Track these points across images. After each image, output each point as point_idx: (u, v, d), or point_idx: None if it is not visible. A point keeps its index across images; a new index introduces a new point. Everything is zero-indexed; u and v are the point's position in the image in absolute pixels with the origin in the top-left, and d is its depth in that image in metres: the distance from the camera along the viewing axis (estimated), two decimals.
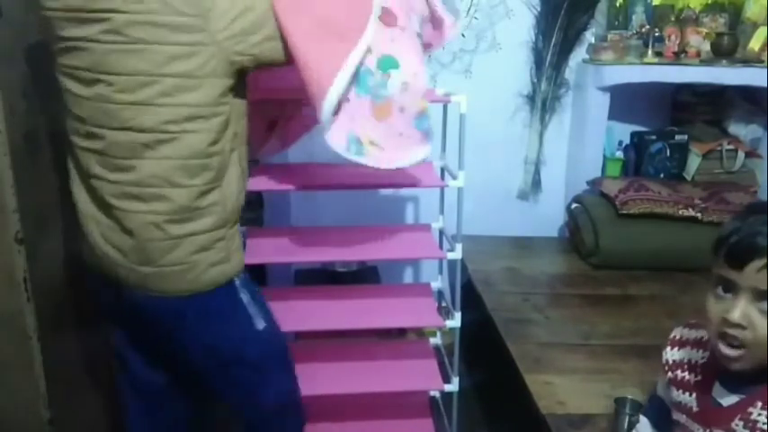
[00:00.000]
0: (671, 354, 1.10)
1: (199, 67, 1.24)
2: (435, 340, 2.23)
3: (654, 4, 2.56)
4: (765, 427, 0.92)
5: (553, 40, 2.55)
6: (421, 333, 2.37)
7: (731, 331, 0.91)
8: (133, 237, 1.31)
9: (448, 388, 1.92)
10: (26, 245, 1.40)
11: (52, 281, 1.53)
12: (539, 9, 2.55)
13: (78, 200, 1.37)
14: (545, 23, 2.55)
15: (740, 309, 0.90)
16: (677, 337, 1.11)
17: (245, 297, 1.43)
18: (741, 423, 0.94)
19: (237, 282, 1.41)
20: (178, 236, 1.31)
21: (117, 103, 1.24)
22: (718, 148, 2.60)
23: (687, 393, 1.04)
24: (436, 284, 2.18)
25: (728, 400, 0.98)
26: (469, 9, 2.54)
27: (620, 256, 2.35)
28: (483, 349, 2.09)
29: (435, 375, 1.93)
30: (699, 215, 2.33)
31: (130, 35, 1.20)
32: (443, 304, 2.20)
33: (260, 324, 1.45)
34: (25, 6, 1.42)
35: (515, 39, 2.58)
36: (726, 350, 0.92)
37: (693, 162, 2.63)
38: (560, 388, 1.62)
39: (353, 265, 2.49)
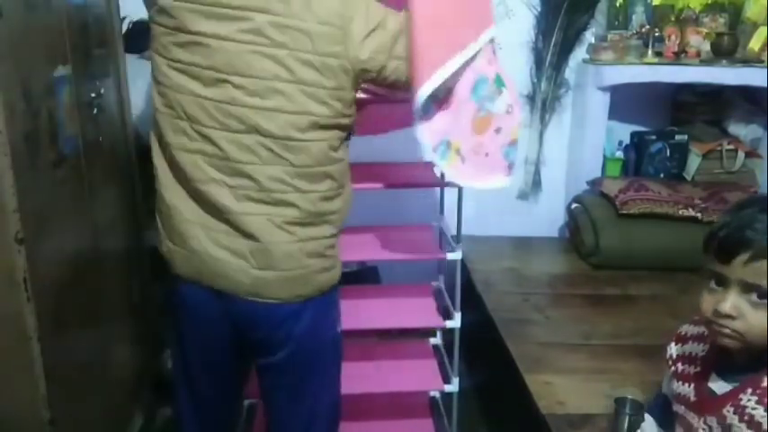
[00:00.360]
0: (675, 348, 1.13)
1: (329, 79, 1.22)
2: (435, 340, 2.23)
3: (654, 4, 2.56)
4: (754, 412, 0.93)
5: (553, 40, 2.55)
6: (421, 333, 2.37)
7: (722, 321, 0.93)
8: (255, 239, 1.28)
9: (448, 388, 1.92)
10: (26, 245, 1.40)
11: (52, 281, 1.53)
12: (539, 9, 2.55)
13: (177, 205, 1.32)
14: (545, 23, 2.55)
15: (730, 300, 0.93)
16: (682, 333, 1.14)
17: (337, 299, 1.44)
18: (732, 409, 0.96)
19: (339, 286, 1.42)
20: (301, 239, 1.29)
21: (244, 105, 1.21)
22: (718, 148, 2.60)
23: (686, 384, 1.06)
24: (437, 284, 2.18)
25: (722, 388, 1.00)
26: None
27: (620, 256, 2.35)
28: (483, 349, 2.09)
29: (435, 375, 1.93)
30: (699, 215, 2.33)
31: (271, 37, 1.18)
32: (444, 304, 2.20)
33: (340, 327, 1.46)
34: (25, 6, 1.42)
35: (515, 39, 2.58)
36: (720, 339, 0.96)
37: (693, 162, 2.63)
38: (560, 388, 1.62)
39: (353, 266, 2.49)
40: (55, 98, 1.52)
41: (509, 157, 1.53)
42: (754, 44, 2.43)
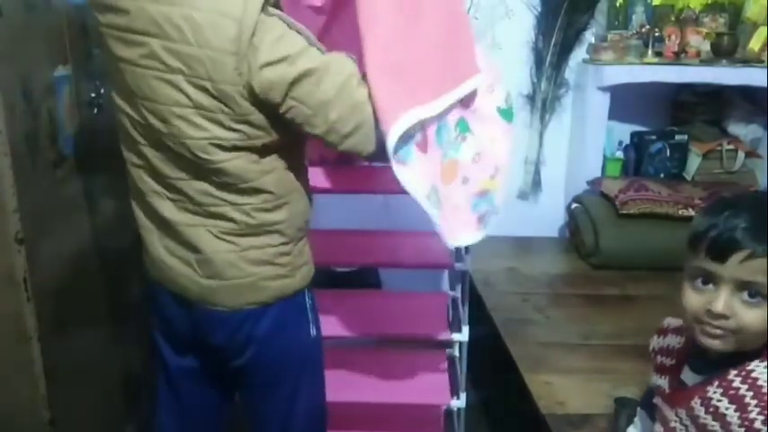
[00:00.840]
0: (656, 341, 1.13)
1: (231, 104, 1.17)
2: (451, 351, 2.18)
3: (654, 4, 2.56)
4: (719, 404, 0.94)
5: (553, 40, 2.55)
6: (437, 343, 2.30)
7: (715, 322, 0.92)
8: (197, 250, 1.29)
9: (455, 403, 1.85)
10: (26, 245, 1.40)
11: (52, 281, 1.53)
12: (539, 9, 2.55)
13: (138, 214, 1.36)
14: (545, 23, 2.55)
15: (723, 299, 0.91)
16: (665, 326, 1.14)
17: (309, 303, 1.42)
18: (699, 401, 0.97)
19: (306, 291, 1.41)
20: (243, 248, 1.29)
21: (158, 130, 1.21)
22: (718, 148, 2.60)
23: (663, 377, 1.08)
24: (453, 294, 2.11)
25: (693, 380, 1.01)
26: (469, 9, 2.53)
27: (620, 256, 2.35)
28: (492, 359, 2.08)
29: (444, 389, 1.86)
30: None
31: (166, 63, 1.15)
32: (456, 316, 2.16)
33: (313, 331, 1.44)
34: (25, 6, 1.42)
35: (515, 39, 2.58)
36: (706, 341, 0.95)
37: (693, 162, 2.63)
38: (560, 388, 1.62)
39: (354, 267, 2.49)
40: (55, 98, 1.52)
41: (478, 208, 1.46)
42: (754, 44, 2.43)
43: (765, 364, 0.94)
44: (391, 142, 1.22)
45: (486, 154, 1.44)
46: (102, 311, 1.80)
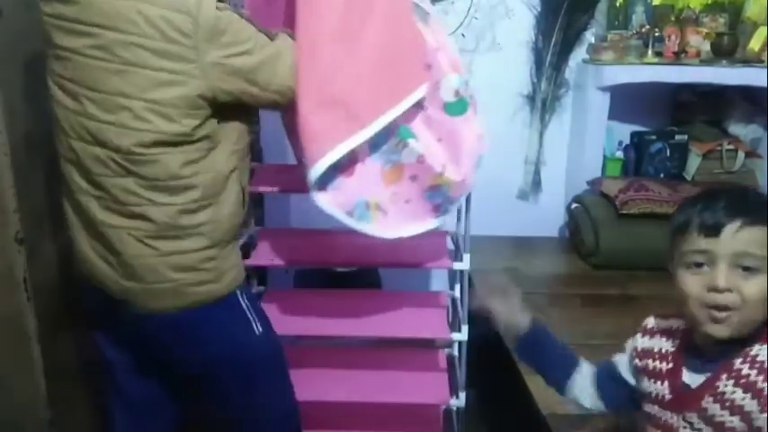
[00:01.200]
0: (641, 341, 1.13)
1: (180, 98, 1.21)
2: (451, 351, 2.18)
3: (654, 4, 2.56)
4: (734, 396, 0.94)
5: (553, 40, 2.55)
6: (434, 342, 2.31)
7: (720, 297, 0.94)
8: (117, 253, 1.28)
9: (454, 403, 1.85)
10: (26, 245, 1.40)
11: (52, 281, 1.53)
12: (539, 9, 2.55)
13: (66, 210, 1.35)
14: (545, 23, 2.55)
15: (724, 274, 0.93)
16: (649, 326, 1.14)
17: (244, 303, 1.41)
18: (711, 399, 0.97)
19: (238, 292, 1.40)
20: (164, 253, 1.28)
21: (96, 120, 1.22)
22: (718, 148, 2.60)
23: (659, 383, 1.06)
24: (452, 294, 2.12)
25: (696, 380, 1.01)
26: (469, 9, 2.54)
27: (620, 256, 2.35)
28: (498, 360, 2.07)
29: (443, 389, 1.86)
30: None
31: (117, 55, 1.18)
32: (456, 315, 2.16)
33: (258, 329, 1.43)
34: (25, 6, 1.42)
35: (515, 39, 2.58)
36: (713, 328, 0.95)
37: (693, 162, 2.63)
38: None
39: (353, 266, 2.48)
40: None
41: (433, 200, 1.51)
42: (754, 44, 2.43)
43: (766, 346, 0.95)
44: (312, 177, 1.34)
45: (432, 154, 1.47)
46: None
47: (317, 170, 1.34)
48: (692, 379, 1.02)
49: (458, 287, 1.98)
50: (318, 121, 1.33)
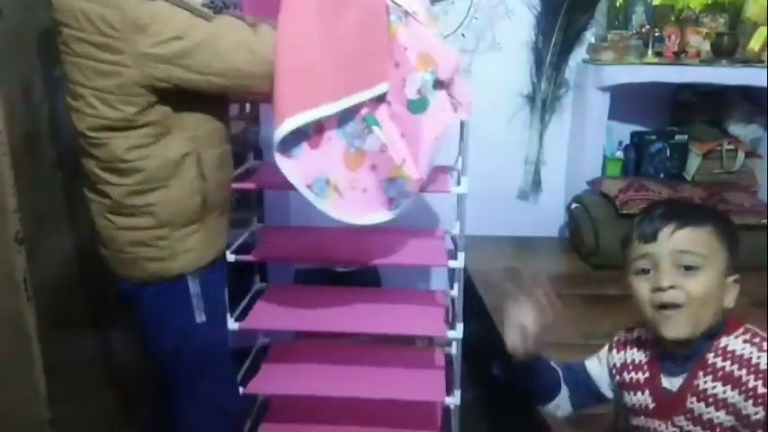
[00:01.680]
0: (616, 357, 1.16)
1: (115, 86, 1.31)
2: (450, 349, 2.18)
3: (654, 4, 2.56)
4: (715, 391, 0.97)
5: (553, 40, 2.55)
6: (430, 341, 2.28)
7: (665, 296, 0.99)
8: (94, 222, 1.45)
9: (449, 400, 1.85)
10: (26, 245, 1.40)
11: (52, 281, 1.53)
12: (539, 9, 2.55)
13: None
14: (545, 23, 2.55)
15: (666, 273, 0.99)
16: (620, 341, 1.17)
17: (194, 289, 1.49)
18: (694, 399, 0.99)
19: (189, 276, 1.47)
20: (120, 227, 1.42)
21: (69, 107, 1.36)
22: (718, 148, 2.60)
23: (640, 393, 1.08)
24: (452, 292, 2.12)
25: (675, 383, 1.04)
26: (469, 9, 2.54)
27: (620, 256, 2.34)
28: (494, 356, 2.07)
29: (439, 386, 1.87)
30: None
31: (71, 48, 1.31)
32: (453, 313, 2.16)
33: (200, 318, 1.50)
34: (25, 6, 1.42)
35: (515, 39, 2.58)
36: (666, 328, 1.00)
37: (693, 162, 2.63)
38: None
39: (353, 265, 2.49)
40: (55, 98, 1.52)
41: (389, 192, 1.57)
42: (754, 44, 2.43)
43: (732, 336, 1.00)
44: (278, 136, 1.41)
45: (395, 146, 1.53)
46: (102, 311, 1.79)
47: (281, 130, 1.41)
48: (670, 383, 1.04)
49: (455, 285, 1.98)
50: (290, 84, 1.40)
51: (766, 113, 2.61)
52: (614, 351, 1.17)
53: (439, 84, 1.55)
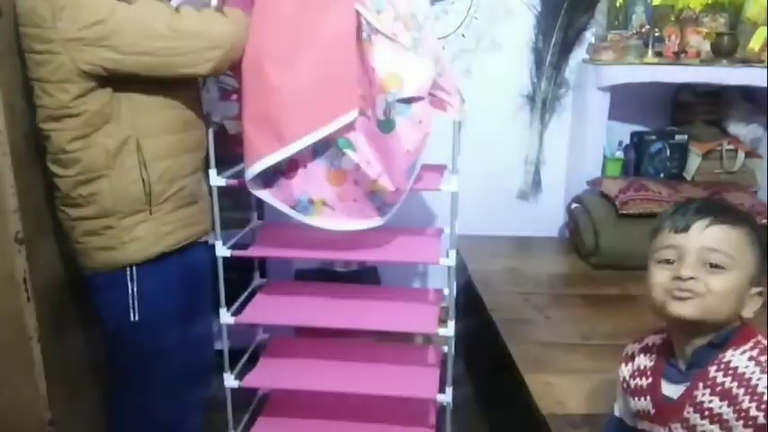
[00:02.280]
0: (626, 370, 1.15)
1: (50, 73, 1.36)
2: (447, 347, 2.17)
3: (654, 4, 2.56)
4: (711, 405, 0.96)
5: (553, 40, 2.55)
6: (428, 339, 2.30)
7: (684, 285, 0.97)
8: (55, 215, 1.51)
9: (441, 398, 1.85)
10: (26, 245, 1.40)
11: (52, 281, 1.53)
12: (539, 9, 2.55)
13: None
14: (545, 23, 2.55)
15: (689, 265, 0.98)
16: (629, 353, 1.16)
17: (132, 287, 1.51)
18: (691, 409, 0.98)
19: (130, 270, 1.50)
20: (72, 218, 1.47)
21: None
22: (718, 148, 2.60)
23: (642, 398, 1.08)
24: (447, 291, 2.11)
25: (676, 391, 1.03)
26: (469, 9, 2.54)
27: (620, 256, 2.35)
28: (486, 353, 2.07)
29: (432, 383, 1.88)
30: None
31: (19, 44, 1.39)
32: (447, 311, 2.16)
33: (134, 316, 1.51)
34: None
35: (515, 39, 2.58)
36: (676, 306, 0.99)
37: (693, 162, 2.63)
38: (560, 388, 1.62)
39: (353, 265, 2.49)
40: None
41: (374, 202, 1.65)
42: (754, 44, 2.43)
43: (739, 351, 0.97)
44: (249, 176, 1.58)
45: (368, 164, 1.60)
46: None
47: (250, 172, 1.57)
48: (671, 390, 1.03)
49: (453, 284, 1.98)
50: (251, 133, 1.54)
51: (766, 113, 2.61)
52: (623, 365, 1.16)
53: (412, 98, 1.55)
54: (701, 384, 0.98)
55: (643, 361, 1.11)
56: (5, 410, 1.45)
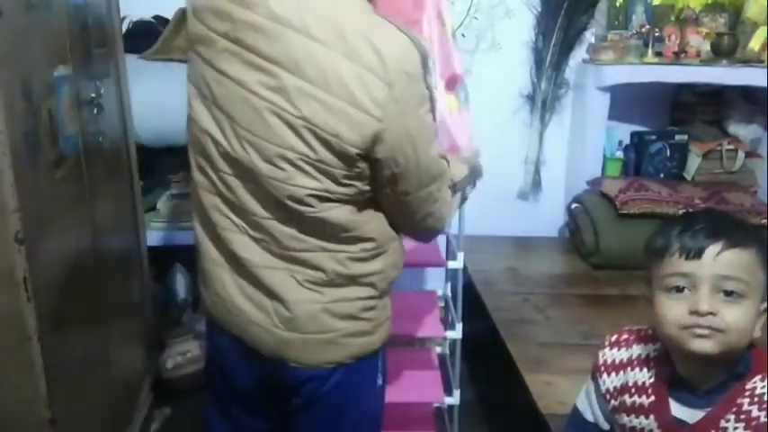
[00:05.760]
0: (610, 381, 1.09)
1: (349, 164, 1.05)
2: (442, 349, 2.17)
3: (654, 4, 2.56)
4: None
5: (553, 40, 2.55)
6: (423, 342, 2.27)
7: (702, 321, 0.91)
8: (277, 297, 1.14)
9: (448, 401, 1.85)
10: (26, 245, 1.40)
11: (52, 281, 1.53)
12: (539, 9, 2.55)
13: (205, 245, 1.17)
14: (545, 23, 2.55)
15: (706, 297, 0.91)
16: (608, 362, 1.10)
17: (380, 362, 1.28)
18: None
19: (381, 350, 1.26)
20: (330, 300, 1.14)
21: (253, 166, 1.07)
22: (718, 148, 2.60)
23: (643, 417, 1.03)
24: (443, 292, 2.11)
25: (693, 415, 0.98)
26: (469, 9, 2.54)
27: (620, 256, 2.35)
28: (487, 355, 2.07)
29: (437, 387, 1.87)
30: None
31: (295, 104, 1.03)
32: (449, 313, 2.16)
33: (380, 380, 1.29)
34: (25, 6, 1.42)
35: (515, 39, 2.58)
36: (696, 343, 0.92)
37: (693, 162, 2.63)
38: (560, 388, 1.62)
39: None
40: (55, 98, 1.52)
41: None
42: (754, 44, 2.43)
43: (766, 380, 0.94)
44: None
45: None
46: (102, 311, 1.79)
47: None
48: (684, 413, 0.99)
49: (449, 285, 1.98)
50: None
51: (766, 113, 2.61)
52: (605, 375, 1.09)
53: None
54: (731, 416, 0.94)
55: (639, 376, 1.05)
56: (5, 410, 1.45)
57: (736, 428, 0.93)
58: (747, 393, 0.94)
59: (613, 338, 1.12)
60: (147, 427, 2.05)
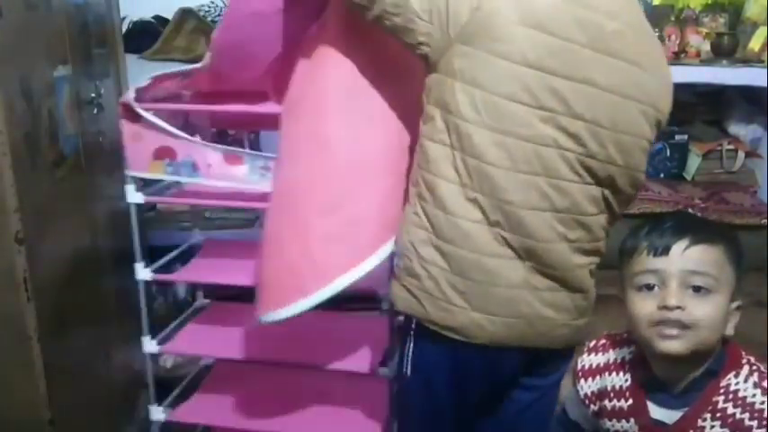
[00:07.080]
0: (587, 386, 1.11)
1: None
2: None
3: (654, 4, 2.56)
4: (713, 431, 0.94)
5: None
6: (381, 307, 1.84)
7: (672, 315, 0.93)
8: (582, 292, 1.21)
9: (382, 371, 1.57)
10: (26, 245, 1.40)
11: (52, 281, 1.53)
12: None
13: (502, 271, 1.12)
14: None
15: (674, 292, 0.94)
16: (586, 367, 1.13)
17: None
18: None
19: None
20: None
21: (612, 162, 1.13)
22: (718, 148, 2.60)
23: (623, 421, 1.04)
24: None
25: (671, 416, 0.99)
26: None
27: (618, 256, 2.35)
28: None
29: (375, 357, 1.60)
30: (699, 215, 2.33)
31: (645, 91, 1.34)
32: None
33: None
34: (25, 6, 1.42)
35: None
36: (665, 344, 0.95)
37: (693, 162, 2.63)
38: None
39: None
40: (55, 98, 1.52)
41: None
42: (754, 44, 2.43)
43: (741, 377, 0.95)
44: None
45: None
46: (102, 311, 1.80)
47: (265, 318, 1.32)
48: (662, 414, 1.00)
49: None
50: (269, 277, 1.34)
51: (766, 113, 2.61)
52: (583, 380, 1.12)
53: None
54: (707, 415, 0.95)
55: (617, 380, 1.07)
56: (5, 410, 1.45)
57: (713, 427, 0.94)
58: (722, 391, 0.95)
59: (591, 344, 1.15)
60: (147, 427, 2.05)
